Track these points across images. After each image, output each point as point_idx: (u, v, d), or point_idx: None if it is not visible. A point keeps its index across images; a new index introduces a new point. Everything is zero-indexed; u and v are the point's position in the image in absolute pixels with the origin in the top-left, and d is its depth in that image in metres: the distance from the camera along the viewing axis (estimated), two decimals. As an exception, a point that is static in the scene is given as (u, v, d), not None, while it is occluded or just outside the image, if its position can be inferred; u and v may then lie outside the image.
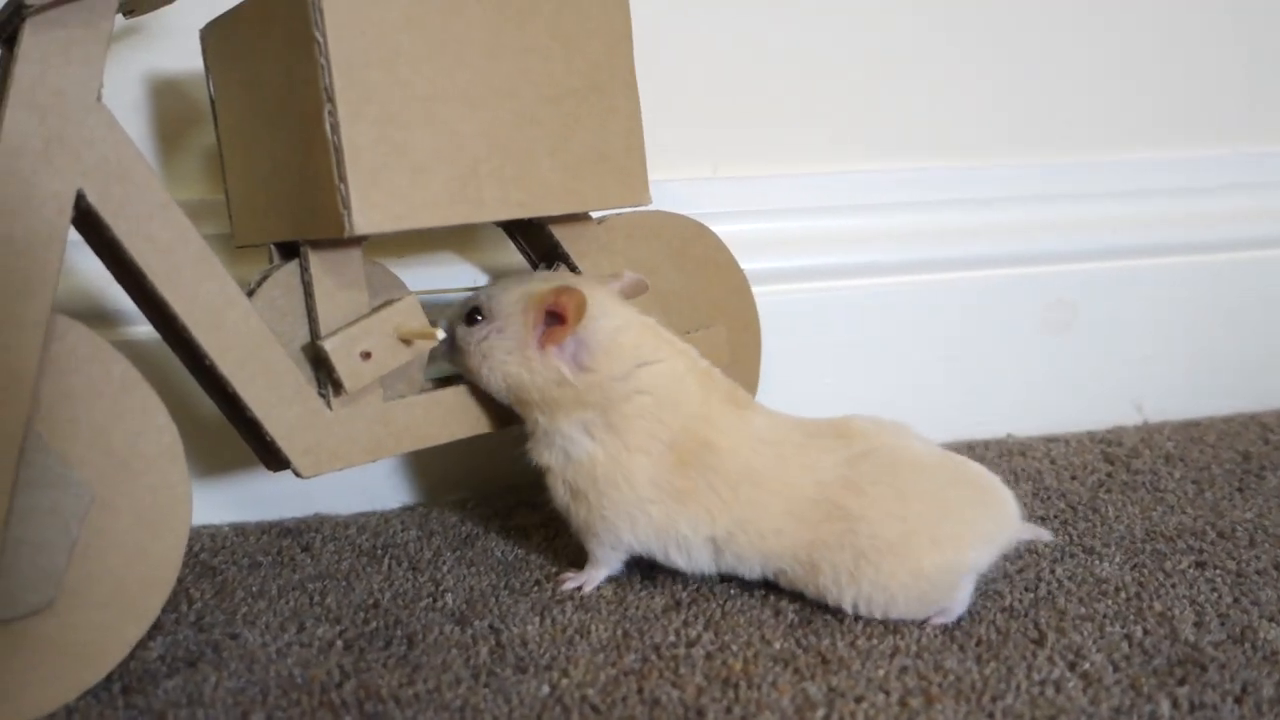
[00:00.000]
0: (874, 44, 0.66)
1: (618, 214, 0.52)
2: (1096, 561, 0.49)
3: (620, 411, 0.45)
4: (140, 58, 0.56)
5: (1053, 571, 0.48)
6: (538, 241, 0.53)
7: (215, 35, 0.46)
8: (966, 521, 0.43)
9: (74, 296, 0.53)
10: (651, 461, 0.45)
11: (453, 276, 0.58)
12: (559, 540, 0.53)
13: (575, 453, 0.46)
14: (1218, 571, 0.48)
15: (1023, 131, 0.69)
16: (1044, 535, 0.46)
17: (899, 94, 0.67)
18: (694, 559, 0.46)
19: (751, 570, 0.46)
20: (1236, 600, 0.45)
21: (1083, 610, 0.44)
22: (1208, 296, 0.71)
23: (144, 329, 0.53)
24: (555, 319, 0.44)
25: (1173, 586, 0.46)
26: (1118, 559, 0.49)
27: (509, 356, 0.45)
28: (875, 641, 0.42)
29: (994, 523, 0.44)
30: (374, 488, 0.59)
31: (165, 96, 0.57)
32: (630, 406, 0.45)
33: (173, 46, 0.56)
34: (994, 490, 0.45)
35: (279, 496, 0.58)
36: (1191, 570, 0.48)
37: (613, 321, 0.46)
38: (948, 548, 0.42)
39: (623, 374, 0.45)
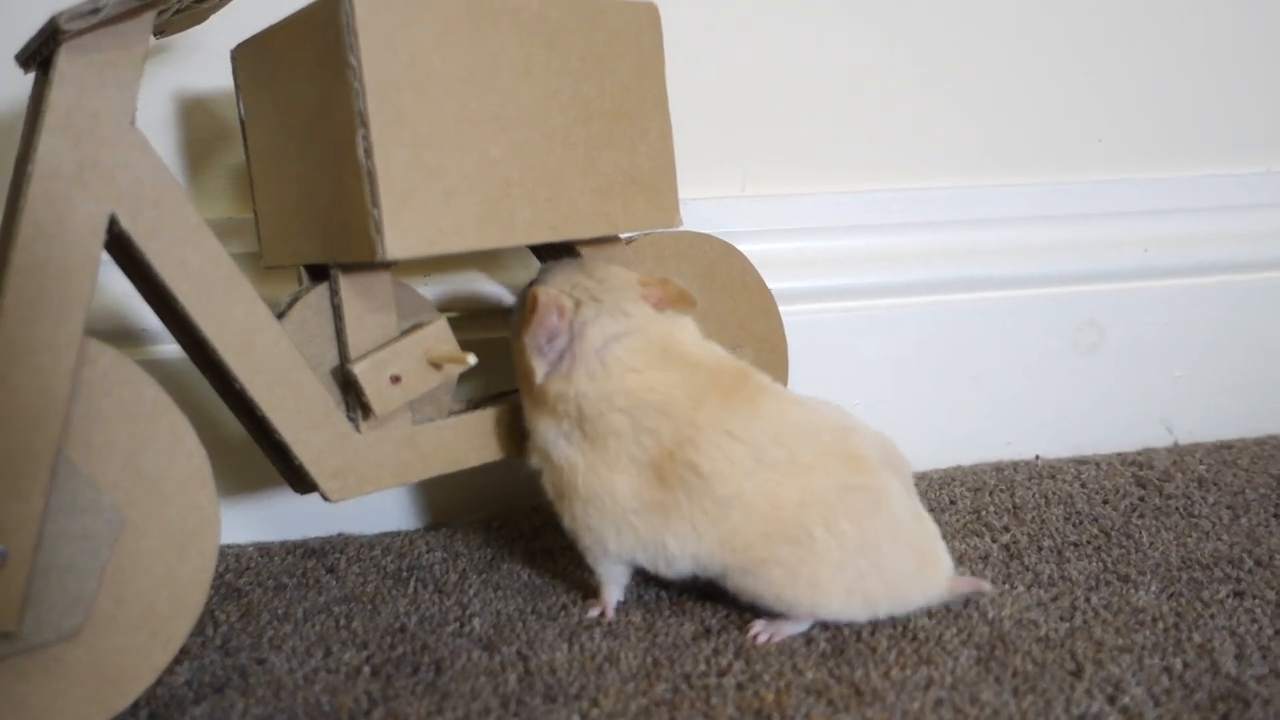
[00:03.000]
0: (903, 63, 0.65)
1: (646, 235, 0.52)
2: (1132, 590, 0.48)
3: (595, 428, 0.43)
4: (169, 76, 0.56)
5: (1088, 600, 0.47)
6: (566, 262, 0.52)
7: (246, 56, 0.46)
8: (890, 587, 0.44)
9: (102, 315, 0.53)
10: (630, 479, 0.44)
11: (479, 297, 0.58)
12: (585, 563, 0.52)
13: (555, 457, 0.45)
14: (1257, 601, 0.47)
15: (1053, 150, 0.69)
16: (984, 588, 0.46)
17: (927, 112, 0.66)
18: (676, 569, 0.45)
19: (710, 573, 0.45)
20: (1278, 632, 0.44)
21: (1120, 641, 0.43)
22: (1239, 316, 0.70)
23: (171, 348, 0.53)
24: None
25: (1211, 617, 0.45)
26: (1154, 587, 0.48)
27: (514, 339, 0.46)
28: (909, 672, 0.41)
29: (917, 593, 0.45)
30: (398, 508, 0.59)
31: (194, 115, 0.57)
32: (604, 424, 0.43)
33: (202, 65, 0.56)
34: (935, 566, 0.45)
35: (303, 516, 0.58)
36: (1230, 600, 0.47)
37: (606, 331, 0.44)
38: (855, 600, 0.43)
39: (598, 393, 0.43)
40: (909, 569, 0.44)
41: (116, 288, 0.52)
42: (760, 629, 0.45)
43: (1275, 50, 0.70)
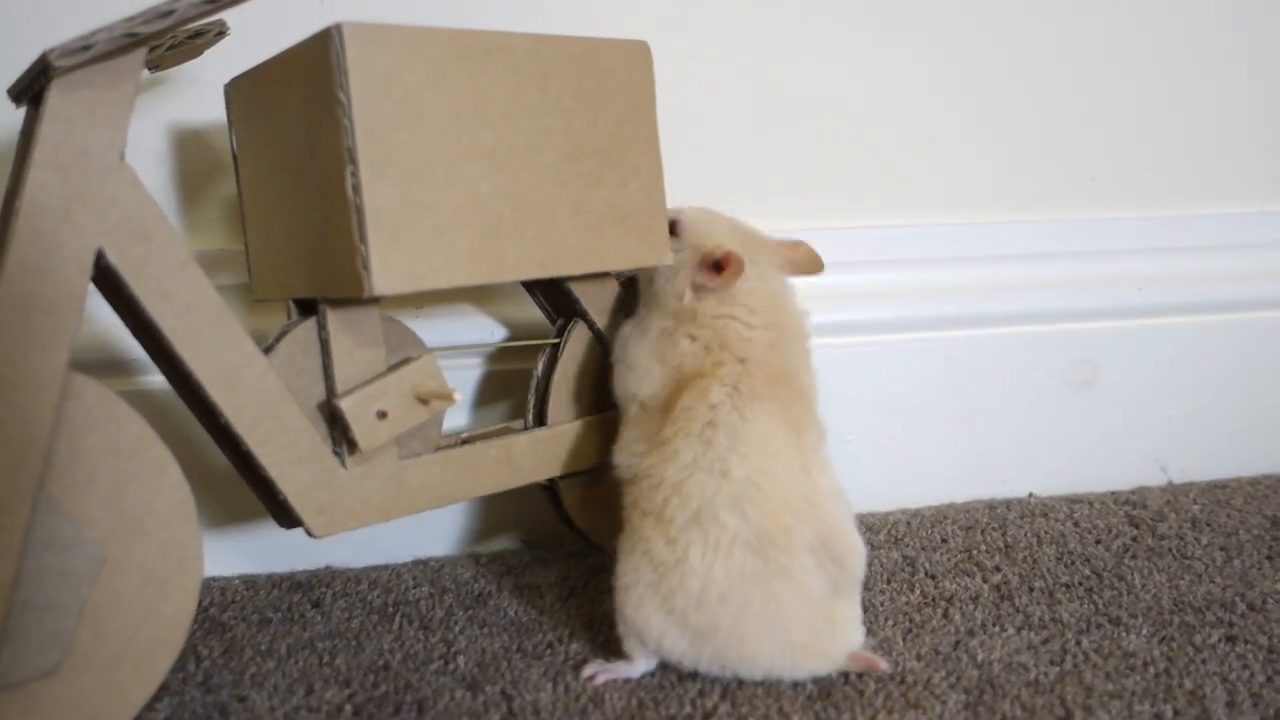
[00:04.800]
0: (898, 99, 0.66)
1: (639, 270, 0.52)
2: (1123, 633, 0.48)
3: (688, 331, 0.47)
4: (164, 108, 0.56)
5: (1078, 643, 0.47)
6: (557, 297, 0.52)
7: (239, 91, 0.47)
8: (743, 653, 0.42)
9: (91, 345, 0.53)
10: (660, 379, 0.47)
11: (471, 330, 0.58)
12: (572, 600, 0.52)
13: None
14: (1249, 646, 0.46)
15: (1047, 188, 0.69)
16: (880, 667, 0.44)
17: (920, 150, 0.67)
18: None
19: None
20: (1270, 679, 0.43)
21: (1110, 687, 0.43)
22: (1234, 355, 0.69)
23: (159, 379, 0.52)
24: (715, 267, 0.47)
25: (1203, 662, 0.45)
26: (1145, 631, 0.48)
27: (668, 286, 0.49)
28: (897, 717, 0.41)
29: (782, 669, 0.43)
30: (386, 540, 0.58)
31: (189, 146, 0.57)
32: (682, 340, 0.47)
33: (197, 97, 0.56)
34: (811, 654, 0.43)
35: (289, 548, 0.57)
36: (1222, 645, 0.46)
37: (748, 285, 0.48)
38: (704, 651, 0.43)
39: (711, 312, 0.47)
40: (771, 647, 0.42)
41: (105, 318, 0.52)
42: (594, 669, 0.44)
43: (1267, 91, 0.71)
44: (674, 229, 0.49)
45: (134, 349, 0.53)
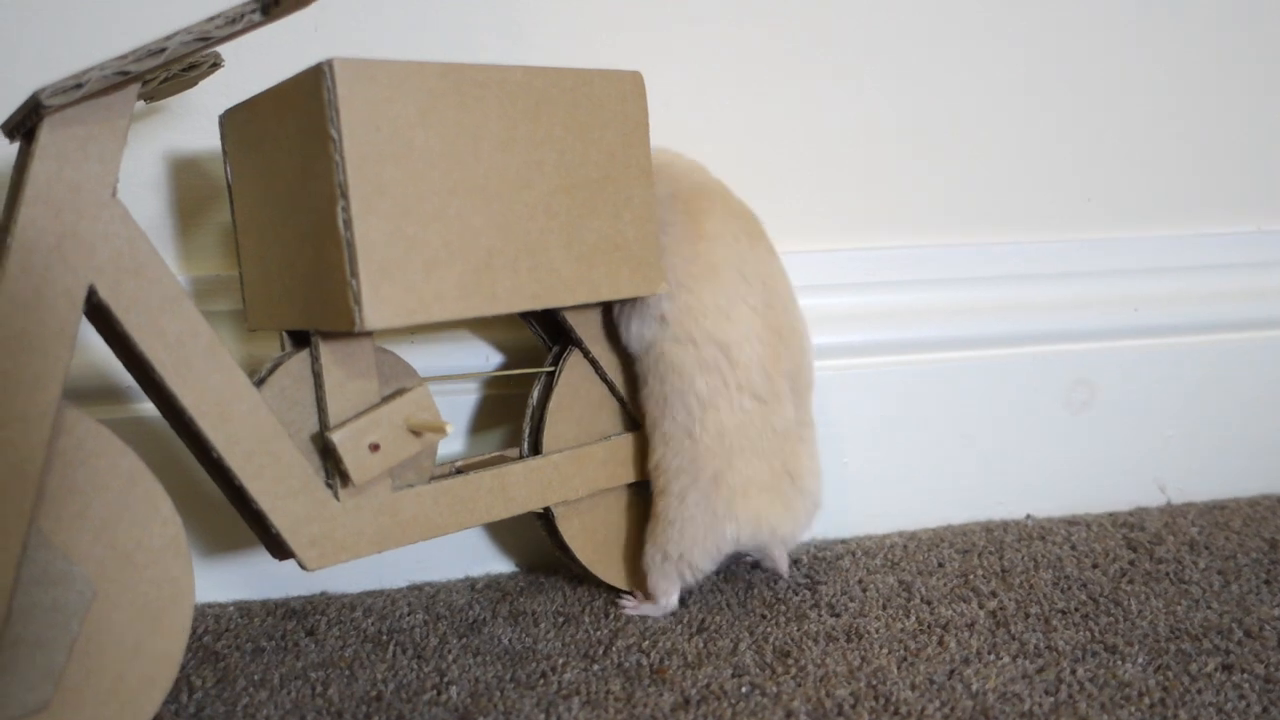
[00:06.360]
0: (892, 122, 0.66)
1: (631, 298, 0.52)
2: (1119, 662, 0.47)
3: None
4: (161, 135, 0.56)
5: (1073, 672, 0.46)
6: (552, 325, 0.53)
7: (234, 122, 0.47)
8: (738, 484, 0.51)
9: (87, 373, 0.53)
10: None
11: (466, 357, 0.58)
12: (567, 627, 0.52)
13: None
14: (1245, 676, 0.46)
15: (1043, 209, 0.69)
16: (783, 571, 0.55)
17: (917, 171, 0.67)
18: None
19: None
20: (1266, 710, 0.43)
21: (1105, 718, 0.43)
22: (1232, 375, 0.69)
23: (153, 406, 0.53)
24: None
25: (1199, 692, 0.45)
26: (1141, 659, 0.48)
27: None
28: (890, 750, 0.41)
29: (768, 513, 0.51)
30: (381, 565, 0.58)
31: (185, 174, 0.57)
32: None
33: (194, 125, 0.56)
34: (790, 500, 0.52)
35: (286, 574, 0.57)
36: (1218, 674, 0.46)
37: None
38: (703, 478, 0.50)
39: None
40: (764, 468, 0.51)
41: (100, 346, 0.52)
42: (629, 605, 0.53)
43: (1264, 111, 0.71)
44: None
45: (128, 377, 0.53)
